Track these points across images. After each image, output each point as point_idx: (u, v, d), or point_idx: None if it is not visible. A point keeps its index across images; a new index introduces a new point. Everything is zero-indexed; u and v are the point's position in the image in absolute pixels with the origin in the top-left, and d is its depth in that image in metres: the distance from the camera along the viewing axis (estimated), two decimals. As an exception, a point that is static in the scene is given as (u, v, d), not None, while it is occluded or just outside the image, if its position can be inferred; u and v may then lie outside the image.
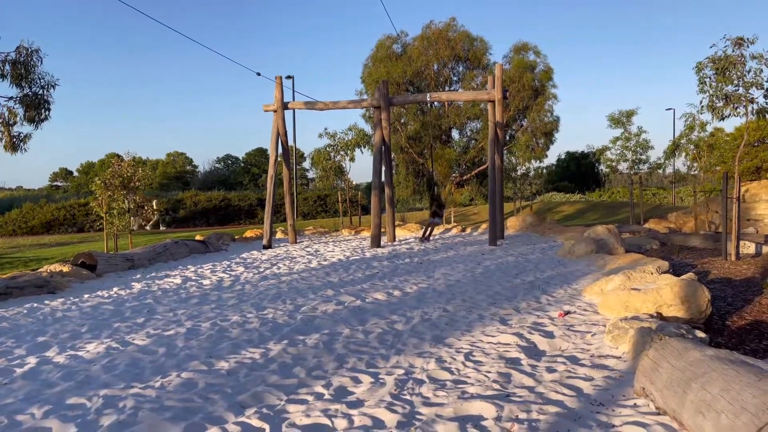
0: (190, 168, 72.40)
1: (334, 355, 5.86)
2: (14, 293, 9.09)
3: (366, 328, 6.94)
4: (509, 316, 7.28)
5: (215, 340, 6.54)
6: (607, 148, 22.90)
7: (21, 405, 4.62)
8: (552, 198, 41.49)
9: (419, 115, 38.34)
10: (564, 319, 7.02)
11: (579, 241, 12.45)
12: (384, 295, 8.96)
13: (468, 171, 39.60)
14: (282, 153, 18.26)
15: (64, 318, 7.94)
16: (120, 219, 15.30)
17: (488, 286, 9.48)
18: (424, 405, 4.42)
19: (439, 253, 14.37)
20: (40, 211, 29.81)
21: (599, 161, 55.95)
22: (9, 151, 10.44)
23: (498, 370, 5.18)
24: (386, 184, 17.55)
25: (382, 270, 11.73)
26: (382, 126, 16.81)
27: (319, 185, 40.47)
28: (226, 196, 33.55)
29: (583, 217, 27.18)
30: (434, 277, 10.53)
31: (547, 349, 5.85)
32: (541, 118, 36.89)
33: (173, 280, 11.08)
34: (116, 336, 6.87)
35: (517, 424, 3.97)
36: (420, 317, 7.41)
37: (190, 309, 8.34)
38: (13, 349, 6.39)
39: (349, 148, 23.79)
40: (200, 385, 5.04)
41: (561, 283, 9.45)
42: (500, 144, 16.86)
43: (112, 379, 5.26)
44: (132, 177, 15.30)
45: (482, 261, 12.52)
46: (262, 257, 14.62)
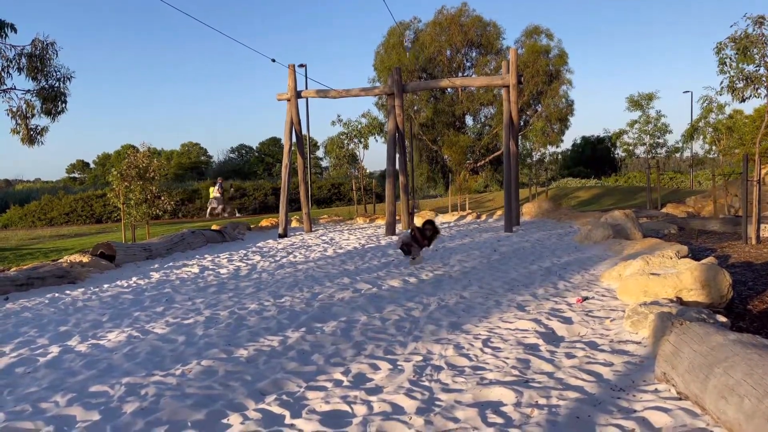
0: (205, 158, 72.76)
1: (351, 342, 5.88)
2: (36, 284, 9.22)
3: (383, 315, 6.95)
4: (527, 303, 7.25)
5: (234, 329, 6.59)
6: (624, 132, 22.58)
7: (45, 393, 4.69)
8: (567, 183, 41.14)
9: (432, 102, 38.17)
10: (582, 304, 6.97)
11: (596, 227, 12.35)
12: (400, 282, 8.96)
13: (482, 157, 39.40)
14: (296, 142, 18.27)
15: (85, 307, 8.05)
16: (137, 209, 15.43)
17: (505, 272, 9.44)
18: (443, 391, 4.42)
19: (454, 240, 14.33)
20: (58, 202, 30.15)
21: (615, 145, 55.43)
22: (27, 144, 10.55)
23: (517, 356, 5.16)
24: (400, 171, 17.50)
25: (398, 257, 11.73)
26: (395, 113, 16.74)
27: (333, 174, 40.53)
28: (241, 185, 33.68)
29: (599, 203, 26.95)
30: (450, 264, 10.51)
31: (566, 335, 5.82)
32: (556, 104, 36.54)
33: (191, 269, 11.17)
34: (136, 325, 6.95)
35: (537, 410, 3.96)
36: (437, 304, 7.41)
37: (209, 298, 8.41)
38: (35, 338, 6.49)
39: (363, 136, 23.74)
40: (220, 372, 5.09)
41: (578, 269, 9.39)
42: (515, 129, 16.72)
43: (133, 367, 5.32)
44: (148, 167, 15.40)
45: (498, 247, 12.47)
46: (278, 246, 14.69)
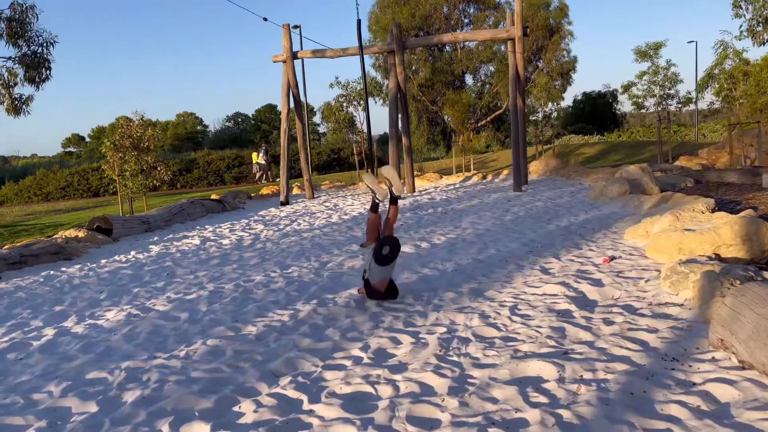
0: (201, 128, 71.75)
1: (367, 314, 5.47)
2: (29, 261, 8.78)
3: (398, 283, 6.52)
4: (550, 265, 6.82)
5: (240, 303, 6.17)
6: (632, 84, 21.84)
7: (38, 382, 4.29)
8: (570, 140, 40.44)
9: (430, 62, 37.16)
10: (609, 265, 6.54)
11: (611, 182, 11.85)
12: (411, 247, 8.52)
13: (483, 117, 38.60)
14: (294, 106, 17.63)
15: (81, 285, 7.63)
16: (133, 181, 14.92)
17: (521, 233, 8.99)
18: (475, 367, 4.01)
19: (462, 202, 13.86)
20: (53, 177, 29.57)
21: (617, 100, 54.35)
22: (12, 115, 10.00)
23: (549, 324, 4.74)
24: (403, 133, 16.91)
25: (406, 222, 11.28)
26: (396, 71, 16.06)
27: (331, 139, 39.74)
28: (238, 154, 33.03)
29: (606, 159, 26.37)
30: (462, 227, 10.06)
31: (599, 299, 5.40)
32: (558, 59, 35.56)
33: (192, 241, 10.73)
34: (136, 302, 6.53)
35: (584, 386, 3.55)
36: (453, 269, 6.98)
37: (212, 270, 7.98)
38: (29, 320, 6.08)
39: (362, 98, 23.02)
40: (228, 352, 4.68)
41: (599, 227, 8.93)
42: (522, 84, 16.07)
43: (133, 349, 4.91)
44: (142, 137, 14.83)
45: (510, 208, 12.00)
46: (280, 214, 14.23)
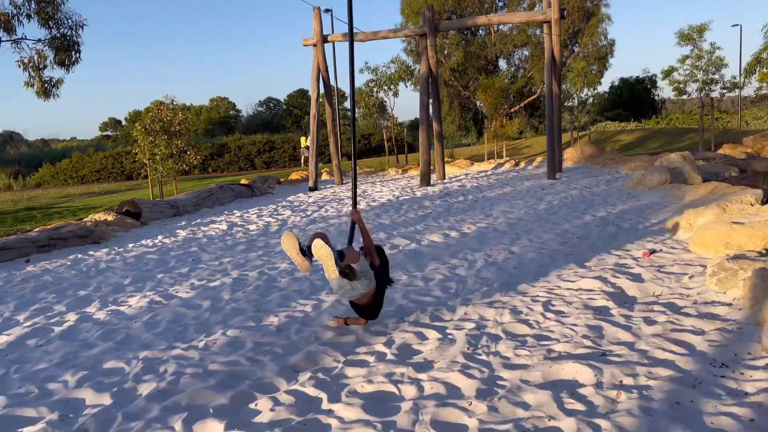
0: (234, 113, 72.24)
1: (393, 306, 5.25)
2: (58, 244, 8.81)
3: (425, 274, 6.30)
4: (586, 257, 6.50)
5: (263, 291, 6.02)
6: (674, 69, 21.02)
7: (55, 371, 4.20)
8: (606, 127, 39.43)
9: (462, 46, 36.51)
10: (650, 258, 6.19)
11: (651, 171, 11.37)
12: (440, 236, 8.27)
13: (517, 102, 37.85)
14: (324, 91, 17.43)
15: (107, 269, 7.59)
16: (163, 165, 14.96)
17: (555, 223, 8.65)
18: (506, 368, 3.76)
19: (494, 190, 13.52)
20: (89, 160, 30.10)
21: (656, 86, 52.73)
22: (42, 97, 10.02)
23: (586, 322, 4.46)
24: (434, 118, 16.57)
25: (436, 209, 11.02)
26: (428, 55, 15.70)
27: (361, 124, 39.51)
28: (269, 138, 33.11)
29: (644, 146, 25.59)
30: (493, 216, 9.75)
31: (638, 295, 5.08)
32: (595, 43, 34.54)
33: (219, 226, 10.67)
34: (159, 288, 6.45)
35: (624, 393, 3.28)
36: (484, 260, 6.71)
37: (237, 257, 7.87)
38: (53, 304, 6.04)
39: (392, 82, 22.69)
40: (247, 344, 4.52)
41: (637, 218, 8.54)
42: (558, 69, 15.56)
43: (153, 338, 4.80)
44: (172, 121, 14.82)
45: (543, 196, 11.62)
46: (308, 200, 14.10)
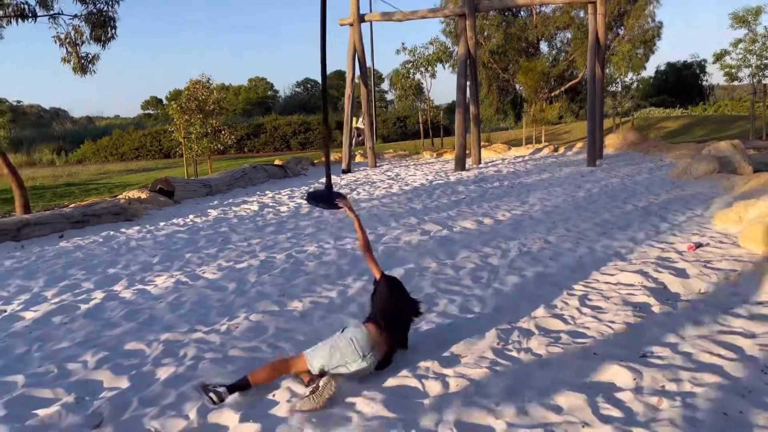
0: (271, 93, 72.56)
1: (421, 294, 5.06)
2: (91, 221, 8.88)
3: (456, 262, 6.08)
4: (626, 250, 6.18)
5: (289, 275, 5.91)
6: (726, 53, 20.06)
7: (76, 350, 4.16)
8: (650, 113, 38.17)
9: (503, 27, 35.67)
10: (695, 252, 5.84)
11: (697, 160, 10.85)
12: (473, 223, 8.02)
13: (557, 86, 36.91)
14: (360, 72, 17.19)
15: (137, 248, 7.60)
16: (198, 143, 15.01)
17: (594, 212, 8.30)
18: (537, 366, 3.54)
19: (531, 176, 13.14)
20: (128, 137, 30.61)
21: (704, 72, 50.76)
22: (79, 73, 10.09)
23: (625, 319, 4.20)
24: (471, 101, 16.20)
25: (470, 195, 10.75)
26: (467, 35, 15.29)
27: (398, 106, 39.12)
28: (305, 120, 33.09)
29: (689, 134, 24.65)
30: (529, 203, 9.44)
31: (682, 292, 4.78)
32: (641, 25, 33.32)
33: (250, 206, 10.62)
34: (187, 269, 6.40)
35: (666, 400, 3.03)
36: (518, 249, 6.46)
37: (266, 238, 7.78)
38: (81, 281, 6.04)
39: (430, 64, 22.29)
40: (270, 330, 4.41)
41: (682, 209, 8.13)
42: (602, 52, 14.98)
43: (176, 320, 4.73)
44: (207, 100, 14.82)
45: (582, 184, 11.23)
46: (341, 182, 13.97)
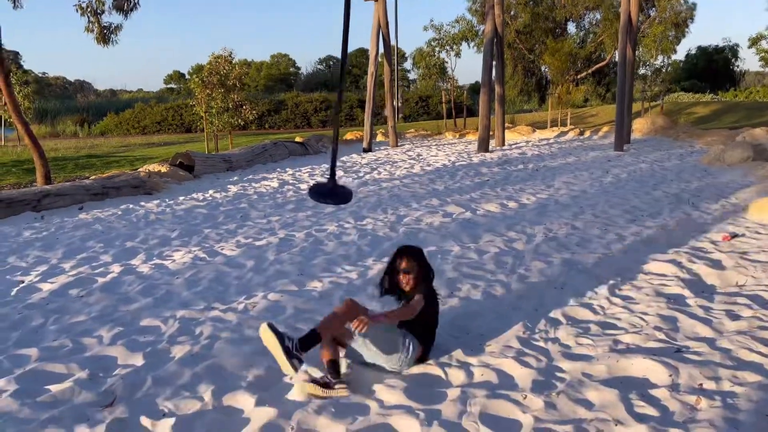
0: (293, 70, 72.22)
1: (443, 278, 4.91)
2: (111, 193, 8.85)
3: (479, 246, 5.91)
4: (657, 237, 5.96)
5: (308, 254, 5.79)
6: (762, 36, 19.38)
7: (91, 324, 4.09)
8: (679, 98, 37.25)
9: (530, 6, 34.92)
10: (731, 243, 5.61)
11: (731, 146, 10.49)
12: (497, 206, 7.83)
13: (585, 68, 36.14)
14: (383, 49, 16.90)
15: (156, 222, 7.54)
16: (219, 118, 14.91)
17: (623, 198, 8.05)
18: (566, 357, 3.38)
19: (556, 159, 12.85)
20: (150, 111, 30.69)
21: (737, 56, 49.37)
22: (101, 44, 9.99)
23: (658, 311, 4.01)
24: (497, 81, 15.88)
25: (493, 177, 10.53)
26: (494, 13, 14.91)
27: (421, 85, 38.65)
28: (326, 97, 32.86)
29: (720, 120, 23.95)
30: (555, 187, 9.21)
31: (718, 284, 4.57)
32: (674, 6, 32.37)
33: (270, 183, 10.52)
34: (205, 244, 6.31)
35: (705, 399, 2.86)
36: (543, 234, 6.26)
37: (285, 216, 7.68)
38: (99, 254, 5.99)
39: (455, 42, 21.88)
40: (288, 310, 4.30)
41: (715, 197, 7.84)
42: (633, 33, 14.53)
43: (192, 297, 4.64)
44: (228, 74, 14.69)
45: (609, 168, 10.94)
46: (361, 161, 13.81)
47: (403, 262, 3.41)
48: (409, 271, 3.39)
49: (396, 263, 3.44)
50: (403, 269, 3.40)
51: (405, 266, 3.40)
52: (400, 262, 3.42)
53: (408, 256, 3.42)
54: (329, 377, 3.09)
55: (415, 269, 3.40)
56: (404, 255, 3.43)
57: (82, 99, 44.75)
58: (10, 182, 10.77)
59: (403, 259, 3.42)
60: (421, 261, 3.45)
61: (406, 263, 3.40)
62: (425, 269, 3.46)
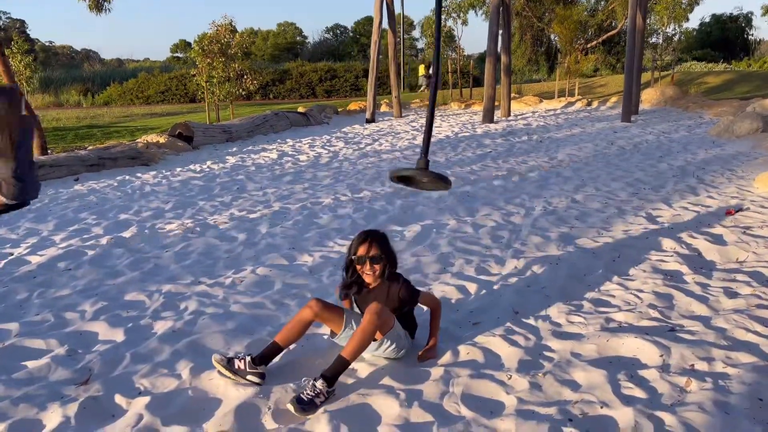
0: (300, 39, 71.30)
1: (436, 253, 4.81)
2: (107, 164, 8.76)
3: (475, 220, 5.80)
4: (659, 212, 5.81)
5: (302, 227, 5.70)
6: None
7: (76, 298, 4.03)
8: (691, 68, 36.51)
9: (540, -28, 34.08)
10: (734, 217, 5.46)
11: (740, 117, 10.23)
12: (498, 179, 7.68)
13: (595, 37, 35.40)
14: (387, 17, 16.54)
15: (151, 193, 7.46)
16: (220, 88, 14.72)
17: (626, 171, 7.88)
18: (555, 336, 3.29)
19: (561, 130, 12.62)
20: (154, 80, 30.37)
21: (751, 25, 48.24)
22: (94, 11, 9.83)
23: (653, 288, 3.89)
24: (503, 50, 15.54)
25: (496, 149, 10.35)
26: (501, -20, 14.50)
27: (428, 55, 38.06)
28: (331, 66, 32.39)
29: (732, 90, 23.45)
30: (557, 159, 9.03)
31: (718, 260, 4.44)
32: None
33: (269, 154, 10.40)
34: (198, 217, 6.23)
35: (695, 381, 2.76)
36: (543, 208, 6.14)
37: (282, 188, 7.57)
38: (92, 226, 5.93)
39: (462, 10, 21.41)
40: (276, 285, 4.22)
41: (721, 170, 7.66)
42: (645, 0, 14.11)
43: (180, 270, 4.57)
44: (230, 43, 14.44)
45: (615, 140, 10.72)
46: (363, 132, 13.62)
47: (372, 249, 3.04)
48: (378, 260, 3.05)
49: (361, 252, 3.05)
50: (371, 258, 3.04)
51: (374, 254, 3.04)
52: (369, 250, 3.04)
53: (376, 242, 3.07)
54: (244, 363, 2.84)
55: (383, 258, 3.07)
56: (372, 241, 3.06)
57: (88, 68, 44.41)
58: (9, 153, 10.68)
59: (371, 245, 3.05)
60: (388, 247, 3.12)
61: (375, 250, 3.05)
62: (393, 255, 3.13)
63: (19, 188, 3.61)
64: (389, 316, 2.95)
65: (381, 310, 2.85)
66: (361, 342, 2.79)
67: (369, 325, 2.80)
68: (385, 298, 3.05)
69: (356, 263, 3.07)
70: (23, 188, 3.64)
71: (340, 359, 2.77)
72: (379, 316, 2.83)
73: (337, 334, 3.08)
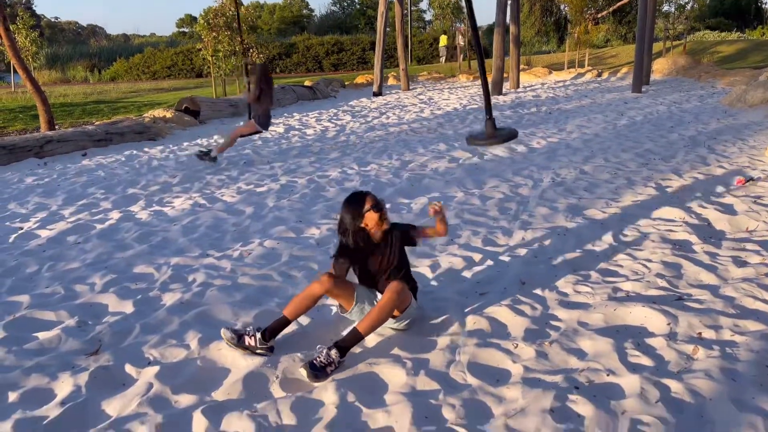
0: (307, 12, 70.46)
1: (443, 225, 4.79)
2: (114, 139, 8.76)
3: (483, 192, 5.77)
4: (668, 182, 5.76)
5: (309, 201, 5.70)
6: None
7: (85, 271, 4.06)
8: (704, 37, 35.83)
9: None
10: (745, 186, 5.40)
11: (753, 86, 10.05)
12: (506, 150, 7.63)
13: (606, 7, 34.72)
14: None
15: (159, 167, 7.47)
16: (225, 62, 14.62)
17: (636, 141, 7.79)
18: (562, 306, 3.29)
19: (571, 102, 12.47)
20: (160, 56, 30.23)
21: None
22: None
23: (662, 258, 3.87)
24: (512, 20, 15.28)
25: (504, 121, 10.25)
26: (509, -52, 14.21)
27: (436, 27, 37.57)
28: (338, 39, 32.07)
29: (745, 59, 23.02)
30: (567, 130, 8.94)
31: (728, 230, 4.40)
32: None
33: (275, 128, 10.36)
34: (206, 190, 6.25)
35: (702, 349, 2.76)
36: (551, 180, 6.09)
37: (289, 162, 7.56)
38: (100, 201, 5.96)
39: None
40: (283, 257, 4.23)
41: (733, 139, 7.55)
42: (656, -34, 13.79)
43: (188, 244, 4.59)
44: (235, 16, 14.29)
45: (625, 111, 10.58)
46: (371, 105, 13.53)
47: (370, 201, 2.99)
48: (382, 208, 3.02)
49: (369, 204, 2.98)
50: (374, 206, 2.97)
51: (375, 203, 3.00)
52: (370, 205, 2.98)
53: (370, 196, 3.04)
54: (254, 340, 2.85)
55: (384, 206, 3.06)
56: (366, 196, 3.03)
57: (94, 44, 44.23)
58: (17, 128, 10.73)
59: (367, 199, 3.01)
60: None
61: (373, 200, 3.01)
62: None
63: (266, 120, 7.19)
64: (408, 295, 2.97)
65: (402, 288, 2.87)
66: (378, 319, 2.82)
67: (389, 302, 2.83)
68: (389, 249, 3.07)
69: (374, 210, 2.98)
70: (268, 121, 7.24)
71: (355, 332, 2.79)
72: (399, 295, 2.85)
73: (347, 310, 3.08)
